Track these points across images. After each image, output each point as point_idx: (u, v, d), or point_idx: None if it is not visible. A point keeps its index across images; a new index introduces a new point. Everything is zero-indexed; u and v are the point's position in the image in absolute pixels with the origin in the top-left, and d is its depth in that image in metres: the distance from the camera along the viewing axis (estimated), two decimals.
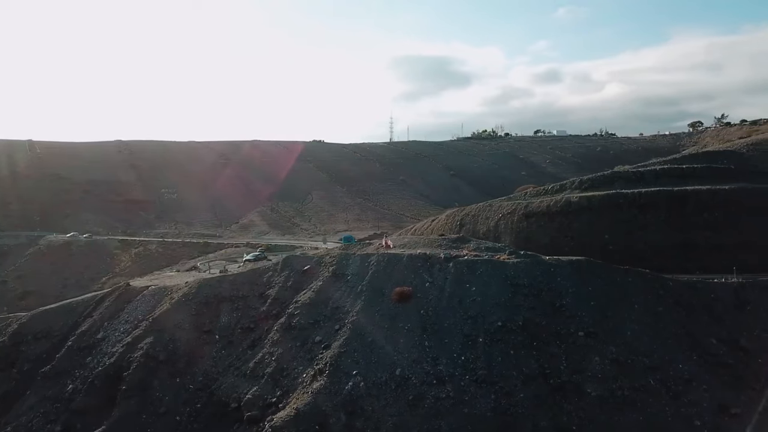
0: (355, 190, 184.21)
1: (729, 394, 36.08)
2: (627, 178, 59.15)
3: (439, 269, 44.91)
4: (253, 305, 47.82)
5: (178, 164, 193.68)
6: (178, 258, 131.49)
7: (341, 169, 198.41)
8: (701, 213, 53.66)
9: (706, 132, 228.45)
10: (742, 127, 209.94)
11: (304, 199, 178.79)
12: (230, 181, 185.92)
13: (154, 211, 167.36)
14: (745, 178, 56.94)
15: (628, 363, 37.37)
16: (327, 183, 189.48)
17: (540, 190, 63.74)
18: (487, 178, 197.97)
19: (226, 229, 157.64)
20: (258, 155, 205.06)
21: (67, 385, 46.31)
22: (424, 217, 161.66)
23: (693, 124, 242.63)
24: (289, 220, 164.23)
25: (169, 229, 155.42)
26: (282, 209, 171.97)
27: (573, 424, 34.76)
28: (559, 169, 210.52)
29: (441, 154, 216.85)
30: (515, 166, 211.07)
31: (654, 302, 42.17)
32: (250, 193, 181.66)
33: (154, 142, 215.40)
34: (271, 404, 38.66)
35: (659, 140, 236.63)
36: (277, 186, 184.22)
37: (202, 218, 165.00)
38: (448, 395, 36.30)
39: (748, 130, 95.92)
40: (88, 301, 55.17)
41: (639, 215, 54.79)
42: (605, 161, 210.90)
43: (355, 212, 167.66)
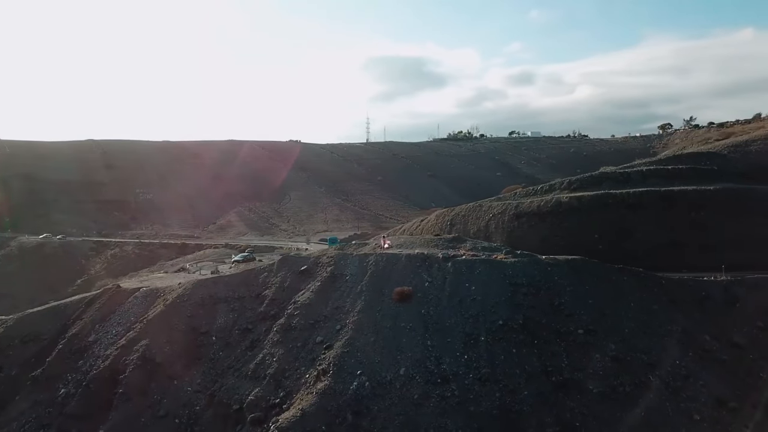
0: (333, 191, 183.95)
1: (725, 389, 37.04)
2: (614, 179, 60.23)
3: (438, 269, 45.20)
4: (249, 306, 47.50)
5: (153, 164, 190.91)
6: (155, 259, 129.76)
7: (319, 169, 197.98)
8: (688, 213, 54.92)
9: (675, 134, 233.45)
10: (709, 129, 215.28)
11: (281, 200, 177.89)
12: (207, 181, 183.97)
13: (130, 212, 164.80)
14: (728, 178, 58.46)
15: (628, 360, 38.12)
16: (305, 183, 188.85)
17: (529, 190, 64.53)
18: (464, 179, 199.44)
19: (203, 230, 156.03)
20: (234, 155, 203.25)
21: (60, 390, 45.40)
22: (403, 218, 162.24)
23: (663, 126, 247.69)
24: (267, 220, 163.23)
25: (145, 230, 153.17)
26: (260, 210, 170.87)
27: (576, 421, 35.31)
28: (534, 170, 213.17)
29: (418, 155, 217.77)
30: (491, 167, 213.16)
31: (648, 300, 43.08)
32: (226, 194, 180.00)
33: (128, 142, 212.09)
34: (275, 405, 38.47)
35: (630, 142, 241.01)
36: (255, 186, 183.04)
37: (178, 219, 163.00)
38: (453, 394, 36.57)
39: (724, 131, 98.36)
40: (76, 304, 54.12)
41: (628, 215, 55.85)
42: (579, 162, 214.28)
43: (333, 212, 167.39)
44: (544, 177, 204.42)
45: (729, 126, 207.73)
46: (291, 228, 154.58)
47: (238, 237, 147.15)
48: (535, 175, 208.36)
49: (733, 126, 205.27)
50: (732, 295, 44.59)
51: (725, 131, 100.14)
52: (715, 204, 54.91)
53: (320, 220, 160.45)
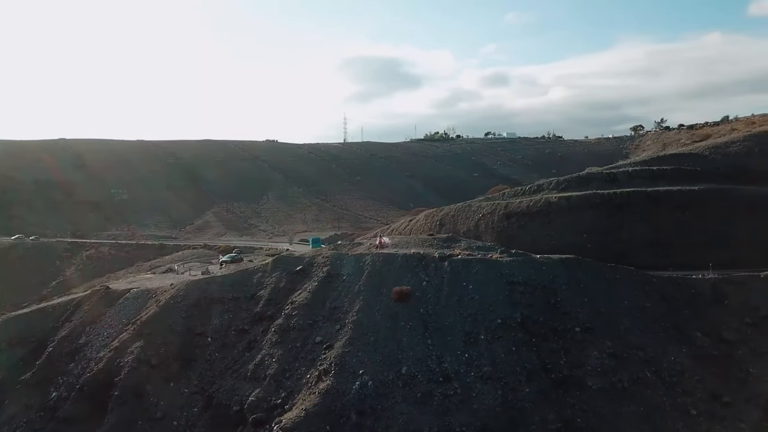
0: (312, 191, 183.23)
1: (718, 384, 38.04)
2: (601, 179, 61.28)
3: (435, 268, 45.52)
4: (245, 307, 47.21)
5: (127, 164, 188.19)
6: (133, 260, 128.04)
7: (297, 170, 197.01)
8: (673, 212, 56.13)
9: (646, 135, 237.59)
10: (680, 131, 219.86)
11: (259, 200, 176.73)
12: (183, 181, 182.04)
13: (105, 213, 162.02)
14: (710, 179, 59.87)
15: (625, 357, 38.92)
16: (283, 183, 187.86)
17: (517, 190, 65.29)
18: (441, 179, 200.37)
19: (180, 230, 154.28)
20: (211, 155, 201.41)
21: (51, 393, 44.59)
22: (383, 218, 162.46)
23: (634, 128, 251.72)
24: (245, 220, 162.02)
25: (121, 231, 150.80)
26: (237, 210, 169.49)
27: (577, 417, 35.94)
28: (510, 170, 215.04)
29: (396, 155, 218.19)
30: (468, 167, 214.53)
31: (641, 298, 44.00)
32: (203, 194, 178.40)
33: (101, 141, 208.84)
34: (276, 406, 38.36)
35: (603, 143, 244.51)
36: (232, 186, 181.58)
37: (155, 219, 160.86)
38: (456, 392, 36.92)
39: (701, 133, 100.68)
40: (64, 305, 53.14)
41: (615, 214, 56.88)
42: (554, 163, 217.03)
43: (312, 213, 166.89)
44: (519, 177, 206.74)
45: (699, 128, 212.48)
46: (270, 228, 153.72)
47: (217, 238, 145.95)
48: (510, 175, 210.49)
49: (703, 128, 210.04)
50: (720, 293, 45.73)
51: (702, 133, 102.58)
52: (700, 204, 56.21)
53: (299, 221, 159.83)
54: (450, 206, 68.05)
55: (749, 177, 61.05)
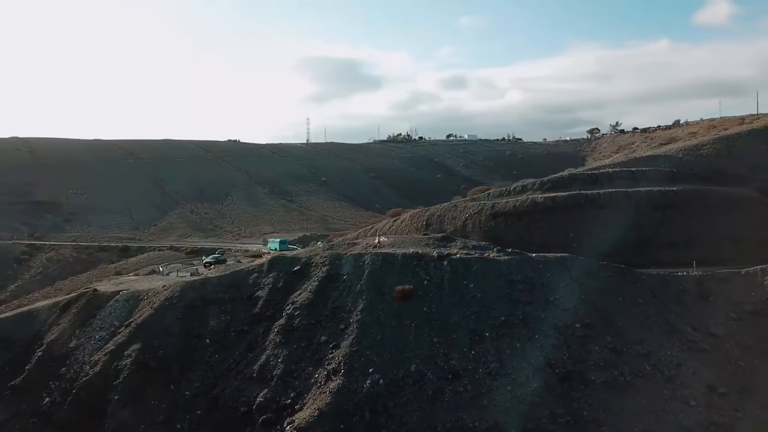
0: (276, 192, 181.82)
1: (712, 376, 39.68)
2: (583, 180, 63.07)
3: (434, 267, 46.06)
4: (242, 308, 46.77)
5: (85, 163, 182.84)
6: (96, 263, 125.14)
7: (261, 170, 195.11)
8: (654, 212, 58.27)
9: (603, 138, 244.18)
10: (634, 134, 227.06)
11: (224, 200, 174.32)
12: (144, 181, 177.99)
13: (63, 214, 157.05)
14: (686, 180, 62.40)
15: (624, 351, 40.24)
16: (247, 183, 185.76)
17: (503, 191, 66.53)
18: (405, 180, 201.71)
19: (144, 231, 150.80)
20: (172, 155, 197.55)
21: (43, 399, 43.29)
22: (350, 219, 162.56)
23: (591, 131, 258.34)
24: (210, 222, 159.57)
25: (81, 233, 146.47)
26: (202, 211, 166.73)
27: (583, 410, 37.00)
28: (472, 172, 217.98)
29: (360, 156, 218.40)
30: (431, 168, 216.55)
31: (634, 294, 45.51)
32: (166, 194, 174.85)
33: (56, 140, 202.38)
34: (286, 406, 38.26)
35: (562, 145, 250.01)
36: (195, 187, 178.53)
37: (116, 221, 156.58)
38: (466, 389, 37.55)
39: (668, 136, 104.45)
40: (50, 308, 51.52)
41: (599, 214, 58.68)
42: (515, 165, 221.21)
43: (279, 214, 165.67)
44: (481, 179, 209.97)
45: (652, 131, 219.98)
46: (236, 230, 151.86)
47: (182, 239, 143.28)
48: (473, 176, 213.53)
49: (656, 131, 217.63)
50: (705, 289, 47.62)
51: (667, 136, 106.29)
52: (678, 204, 58.53)
53: (266, 222, 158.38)
54: (436, 206, 68.80)
55: (722, 178, 63.88)
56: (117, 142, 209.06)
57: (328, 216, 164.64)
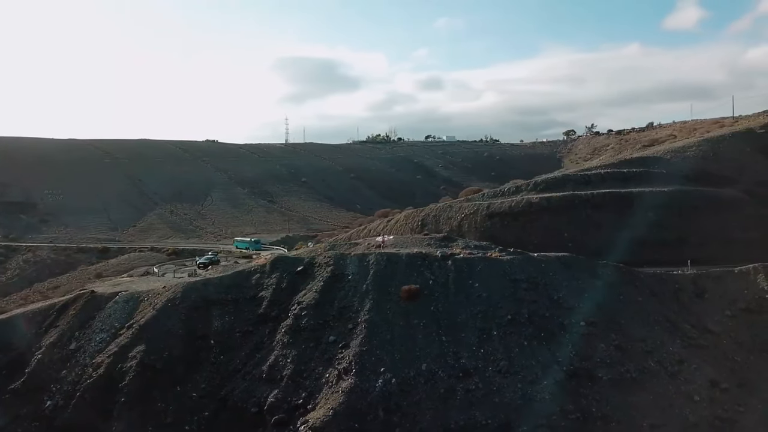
0: (256, 192, 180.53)
1: (713, 371, 40.75)
2: (576, 181, 64.05)
3: (439, 267, 46.43)
4: (246, 308, 46.50)
5: (59, 163, 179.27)
6: (75, 264, 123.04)
7: (240, 170, 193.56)
8: (646, 212, 59.41)
9: (578, 140, 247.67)
10: (609, 136, 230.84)
11: (203, 201, 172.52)
12: (122, 181, 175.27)
13: (39, 214, 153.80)
14: (675, 181, 63.70)
15: (629, 348, 41.10)
16: (226, 184, 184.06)
17: (497, 191, 67.19)
18: (385, 181, 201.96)
19: (123, 232, 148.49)
20: (149, 154, 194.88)
21: (46, 402, 42.49)
22: (332, 220, 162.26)
23: (567, 133, 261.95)
24: (190, 222, 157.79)
25: (58, 234, 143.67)
26: (181, 211, 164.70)
27: (592, 407, 37.72)
28: (451, 173, 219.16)
29: (339, 157, 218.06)
30: (411, 169, 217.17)
31: (633, 293, 46.51)
32: (144, 195, 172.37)
33: (29, 139, 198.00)
34: (298, 406, 38.23)
35: (538, 147, 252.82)
36: (174, 187, 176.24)
37: (94, 222, 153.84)
38: (477, 386, 37.98)
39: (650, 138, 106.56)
40: (46, 311, 50.53)
41: (592, 214, 59.70)
42: (493, 166, 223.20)
43: (260, 214, 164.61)
44: (460, 180, 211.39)
45: (626, 133, 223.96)
46: (217, 230, 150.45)
47: (163, 240, 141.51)
48: (452, 177, 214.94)
49: (630, 133, 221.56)
50: (700, 287, 48.85)
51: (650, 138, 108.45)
52: (669, 204, 59.78)
53: (247, 222, 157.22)
54: (431, 206, 69.24)
55: (709, 179, 65.43)
56: (93, 141, 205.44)
57: (310, 217, 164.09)
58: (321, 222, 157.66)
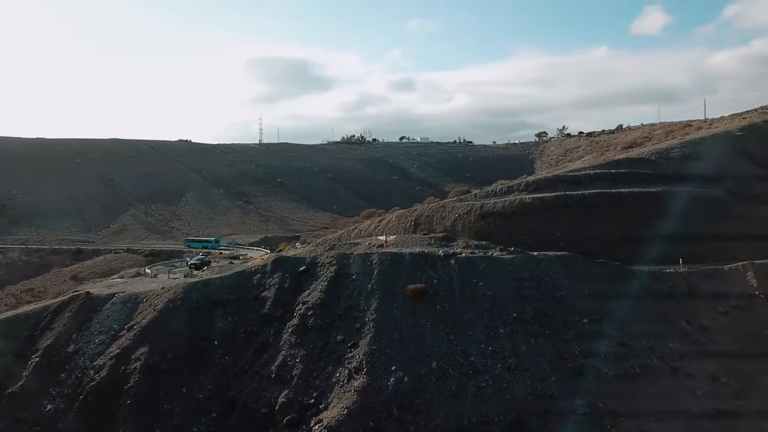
0: (232, 192, 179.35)
1: (712, 366, 41.88)
2: (567, 181, 65.11)
3: (442, 266, 46.81)
4: (249, 308, 46.24)
5: (28, 163, 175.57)
6: (48, 266, 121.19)
7: (215, 171, 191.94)
8: (636, 212, 60.74)
9: (550, 141, 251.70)
10: (579, 138, 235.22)
11: (178, 201, 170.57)
12: (94, 182, 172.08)
13: (8, 215, 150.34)
14: (663, 181, 65.23)
15: (632, 344, 41.98)
16: (201, 184, 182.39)
17: (489, 192, 67.89)
18: (362, 181, 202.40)
19: (97, 233, 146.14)
20: (122, 154, 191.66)
21: (45, 406, 41.61)
22: (310, 221, 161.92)
23: (539, 134, 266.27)
24: (166, 223, 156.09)
25: (29, 235, 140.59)
26: (156, 212, 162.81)
27: (599, 402, 38.42)
28: (426, 174, 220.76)
29: (315, 157, 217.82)
30: (387, 170, 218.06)
31: (630, 290, 47.45)
32: (117, 195, 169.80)
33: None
34: (310, 406, 38.15)
35: (511, 148, 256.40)
36: (148, 187, 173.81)
37: (66, 223, 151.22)
38: (488, 384, 38.40)
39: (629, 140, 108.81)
40: (39, 313, 49.43)
41: (585, 214, 60.66)
42: (467, 167, 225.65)
43: (236, 215, 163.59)
44: (436, 181, 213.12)
45: (597, 135, 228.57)
46: (194, 231, 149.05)
47: (139, 241, 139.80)
48: (427, 179, 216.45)
49: (600, 135, 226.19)
50: (692, 285, 50.04)
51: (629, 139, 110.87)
52: (658, 204, 61.19)
53: (224, 223, 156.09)
54: (423, 206, 69.67)
55: (693, 179, 67.16)
56: (61, 140, 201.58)
57: (288, 217, 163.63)
58: (299, 223, 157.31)
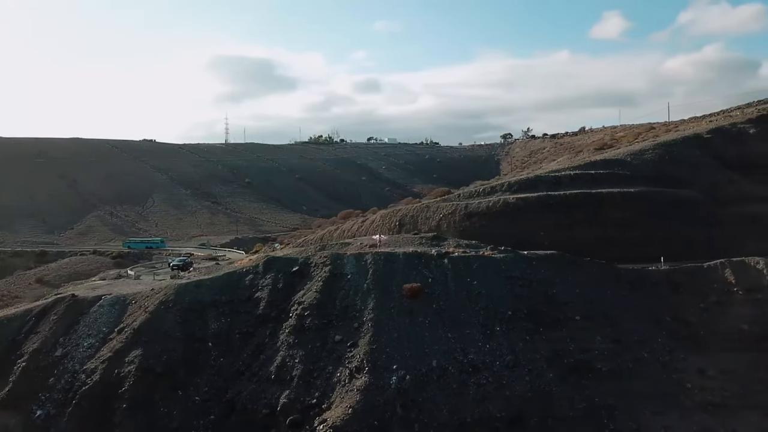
0: (200, 193, 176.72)
1: (699, 360, 43.35)
2: (549, 182, 66.29)
3: (435, 266, 47.23)
4: (242, 309, 45.81)
5: None
6: (11, 269, 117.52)
7: (181, 171, 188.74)
8: (616, 211, 62.27)
9: (515, 143, 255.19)
10: (544, 139, 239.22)
11: (144, 202, 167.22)
12: (56, 182, 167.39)
13: None
14: (640, 182, 66.96)
15: (623, 340, 43.13)
16: (168, 185, 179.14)
17: (472, 192, 68.60)
18: (331, 182, 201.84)
19: (60, 235, 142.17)
20: (84, 154, 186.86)
21: (35, 412, 40.45)
22: (280, 222, 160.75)
23: (504, 136, 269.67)
24: (132, 225, 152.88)
25: None
26: (122, 213, 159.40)
27: (595, 397, 39.43)
28: (395, 175, 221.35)
29: (283, 158, 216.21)
30: (355, 171, 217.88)
31: (618, 288, 48.76)
32: (80, 196, 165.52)
33: None
34: (312, 406, 38.08)
35: (477, 149, 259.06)
36: (113, 188, 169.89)
37: (27, 224, 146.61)
38: (488, 381, 38.98)
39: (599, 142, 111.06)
40: (21, 317, 47.96)
41: (567, 214, 61.88)
42: (435, 168, 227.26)
43: (205, 216, 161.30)
44: (404, 182, 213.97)
45: (560, 137, 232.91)
46: (162, 233, 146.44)
47: (105, 243, 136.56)
48: (396, 179, 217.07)
49: (564, 137, 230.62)
50: (675, 282, 51.60)
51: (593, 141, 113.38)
52: (636, 204, 62.90)
53: (193, 225, 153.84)
54: (407, 207, 70.07)
55: (667, 181, 69.17)
56: (19, 139, 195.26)
57: (257, 218, 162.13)
58: (269, 224, 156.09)
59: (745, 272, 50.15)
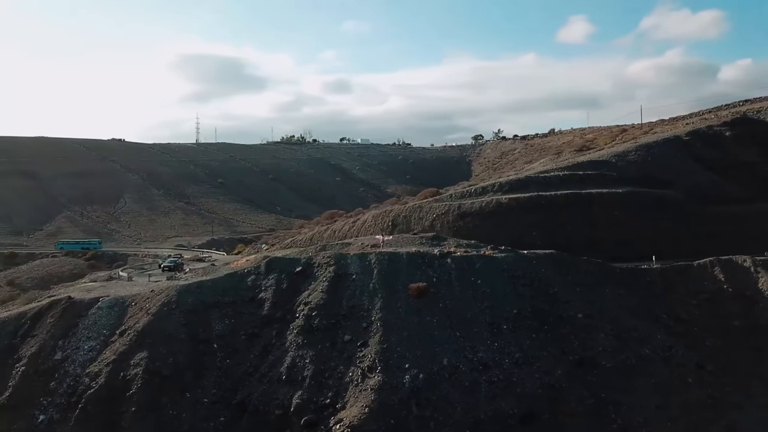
0: (172, 194, 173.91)
1: (697, 355, 44.62)
2: (539, 183, 67.42)
3: (439, 265, 47.59)
4: (246, 310, 45.38)
5: None
6: None
7: (153, 171, 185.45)
8: (604, 211, 63.65)
9: (486, 144, 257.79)
10: (514, 141, 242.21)
11: (116, 203, 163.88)
12: (22, 182, 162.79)
13: None
14: (626, 183, 68.54)
15: (624, 337, 44.12)
16: (140, 185, 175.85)
17: (464, 192, 69.27)
18: (305, 183, 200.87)
19: (29, 237, 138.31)
20: (51, 153, 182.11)
21: (37, 417, 39.35)
22: (256, 222, 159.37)
23: (475, 137, 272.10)
24: (104, 225, 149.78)
25: None
26: (93, 214, 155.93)
27: (601, 393, 40.23)
28: (368, 175, 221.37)
29: (256, 158, 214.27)
30: (329, 171, 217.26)
31: (615, 286, 49.91)
32: (50, 197, 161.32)
33: None
34: (326, 406, 37.99)
35: (449, 151, 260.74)
36: (82, 188, 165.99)
37: None
38: (499, 378, 39.47)
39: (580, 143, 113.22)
40: (17, 319, 46.55)
41: (558, 214, 63.03)
42: (407, 169, 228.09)
43: (178, 217, 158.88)
44: (378, 182, 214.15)
45: (531, 138, 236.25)
46: (135, 234, 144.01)
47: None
48: (370, 180, 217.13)
49: (534, 139, 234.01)
50: (667, 280, 53.06)
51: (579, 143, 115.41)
52: (624, 204, 64.41)
53: (166, 226, 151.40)
54: (399, 207, 70.29)
55: (651, 181, 70.95)
56: None
57: (232, 219, 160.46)
58: (245, 225, 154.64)
59: (734, 270, 51.89)
